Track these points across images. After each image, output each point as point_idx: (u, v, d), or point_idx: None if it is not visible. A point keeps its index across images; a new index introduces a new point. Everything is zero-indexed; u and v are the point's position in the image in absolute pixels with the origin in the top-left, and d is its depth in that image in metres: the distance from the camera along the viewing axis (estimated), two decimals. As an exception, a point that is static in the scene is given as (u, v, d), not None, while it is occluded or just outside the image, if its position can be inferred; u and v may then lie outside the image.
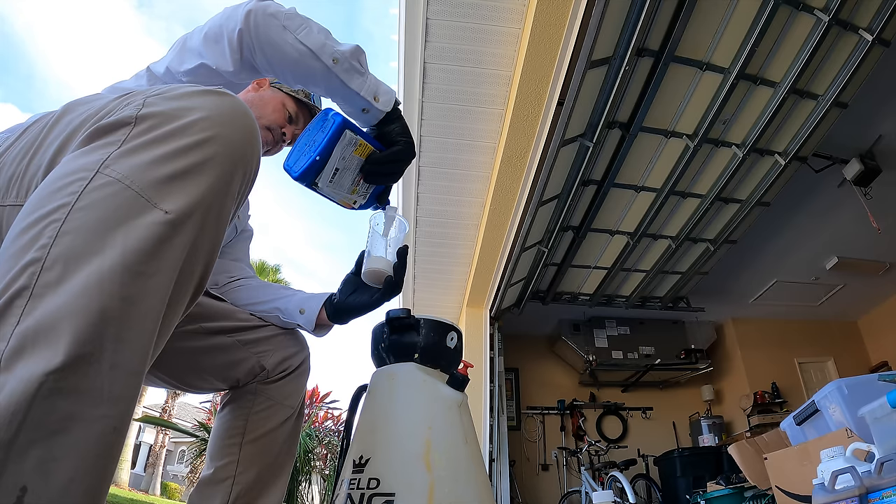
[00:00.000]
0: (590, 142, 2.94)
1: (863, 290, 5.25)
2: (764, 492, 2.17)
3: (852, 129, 3.25)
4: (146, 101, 0.58)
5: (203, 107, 0.57)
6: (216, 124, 0.57)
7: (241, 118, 0.60)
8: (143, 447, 16.75)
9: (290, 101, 1.15)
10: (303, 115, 1.18)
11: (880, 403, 1.14)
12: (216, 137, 0.56)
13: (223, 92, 0.61)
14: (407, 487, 0.66)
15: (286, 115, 1.14)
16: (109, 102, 0.62)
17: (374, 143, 0.88)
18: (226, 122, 0.58)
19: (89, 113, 0.62)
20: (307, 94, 1.18)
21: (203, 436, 6.11)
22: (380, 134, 0.89)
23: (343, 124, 0.84)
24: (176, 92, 0.60)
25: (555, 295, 4.69)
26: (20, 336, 0.44)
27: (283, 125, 1.13)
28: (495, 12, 2.48)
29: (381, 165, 0.88)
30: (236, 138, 0.58)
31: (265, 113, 1.11)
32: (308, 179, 0.84)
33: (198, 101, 0.58)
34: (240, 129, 0.59)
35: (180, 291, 0.54)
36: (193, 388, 1.03)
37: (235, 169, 0.58)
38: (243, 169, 0.60)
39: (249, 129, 0.60)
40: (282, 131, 1.13)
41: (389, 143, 0.89)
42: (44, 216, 0.50)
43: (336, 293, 1.01)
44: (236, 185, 0.59)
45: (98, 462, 0.45)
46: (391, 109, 0.88)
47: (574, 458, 5.20)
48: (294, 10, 0.84)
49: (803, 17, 2.49)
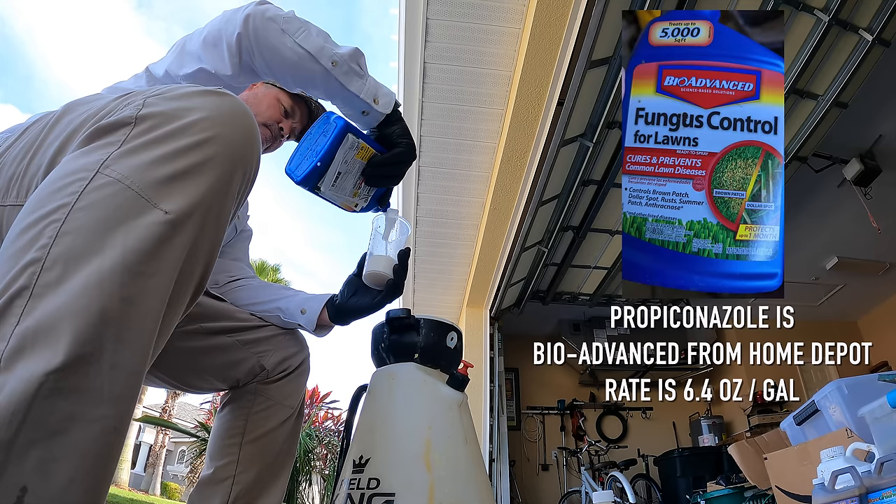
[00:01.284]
0: (590, 142, 2.94)
1: (863, 290, 5.25)
2: (764, 492, 2.17)
3: (852, 129, 3.25)
4: (146, 102, 0.58)
5: (203, 107, 0.58)
6: (216, 124, 0.57)
7: (242, 118, 0.60)
8: (143, 447, 16.75)
9: (285, 96, 1.15)
10: (299, 109, 1.18)
11: (880, 403, 1.14)
12: (216, 137, 0.56)
13: (223, 92, 0.61)
14: (407, 487, 0.66)
15: (282, 110, 1.14)
16: (109, 103, 0.62)
17: (375, 146, 0.88)
18: (226, 122, 0.58)
19: (89, 113, 0.62)
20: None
21: (203, 436, 6.11)
22: (380, 136, 0.89)
23: (345, 128, 0.83)
24: (176, 92, 0.60)
25: (555, 295, 4.69)
26: (20, 336, 0.44)
27: (279, 120, 1.13)
28: (495, 12, 2.48)
29: (383, 168, 0.88)
30: (236, 138, 0.58)
31: (260, 110, 1.11)
32: (310, 184, 0.84)
33: (198, 102, 0.58)
34: (240, 128, 0.59)
35: (180, 291, 0.54)
36: (193, 388, 1.03)
37: (235, 169, 0.58)
38: (243, 169, 0.60)
39: (249, 128, 0.61)
40: (279, 127, 1.13)
41: (390, 146, 0.89)
42: (44, 216, 0.50)
43: (338, 294, 1.01)
44: (236, 185, 0.59)
45: (98, 462, 0.45)
46: (391, 111, 0.88)
47: (574, 458, 5.20)
48: (293, 13, 0.84)
49: (803, 17, 2.49)
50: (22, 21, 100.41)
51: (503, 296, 4.28)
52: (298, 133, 1.20)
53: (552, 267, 4.35)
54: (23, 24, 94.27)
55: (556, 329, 5.54)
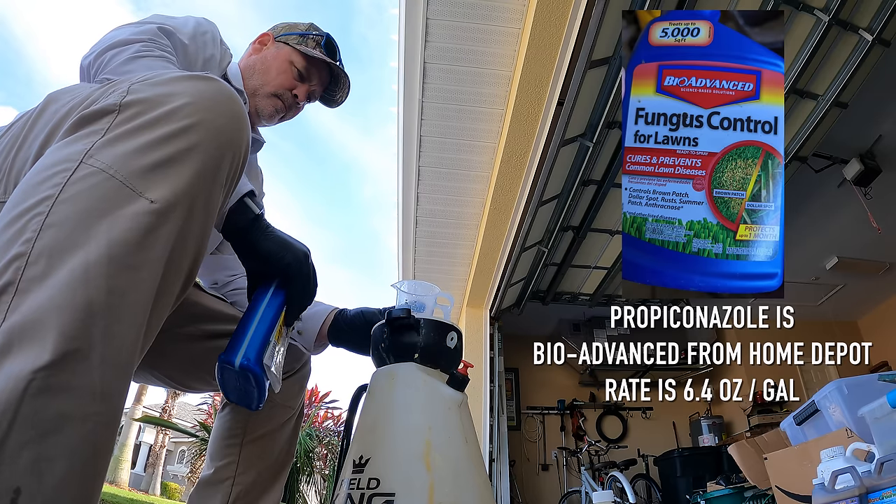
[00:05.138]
0: (590, 142, 2.94)
1: (863, 290, 5.25)
2: (764, 492, 2.17)
3: (852, 129, 3.25)
4: (130, 88, 0.57)
5: (188, 92, 0.56)
6: (201, 109, 0.56)
7: (227, 102, 0.59)
8: (143, 447, 16.74)
9: (298, 56, 1.05)
10: (316, 69, 1.07)
11: (880, 403, 1.14)
12: (202, 123, 0.55)
13: (208, 77, 0.60)
14: (407, 487, 0.66)
15: (294, 74, 1.05)
16: (95, 90, 0.61)
17: (275, 311, 0.75)
18: (211, 107, 0.57)
19: (75, 102, 0.61)
20: (317, 42, 1.08)
21: (203, 436, 6.11)
22: (252, 271, 0.76)
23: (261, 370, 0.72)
24: (161, 78, 0.59)
25: (555, 295, 4.69)
26: (6, 333, 0.43)
27: (292, 87, 1.05)
28: (495, 12, 2.48)
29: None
30: (222, 123, 0.57)
31: (269, 78, 1.04)
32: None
33: (181, 87, 0.57)
34: (225, 113, 0.58)
35: (169, 282, 0.53)
36: (194, 388, 1.03)
37: (223, 155, 0.57)
38: (231, 154, 0.58)
39: (235, 113, 0.59)
40: (293, 94, 1.05)
41: (273, 275, 0.75)
42: (28, 209, 0.49)
43: (348, 315, 0.98)
44: (224, 172, 0.58)
45: (91, 459, 0.44)
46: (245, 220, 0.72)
47: (574, 458, 5.20)
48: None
49: (803, 16, 2.49)
50: (22, 23, 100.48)
51: (503, 296, 4.28)
52: (318, 96, 1.12)
53: (552, 267, 4.35)
54: (22, 25, 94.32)
55: (556, 329, 5.53)
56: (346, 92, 1.15)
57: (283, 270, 0.74)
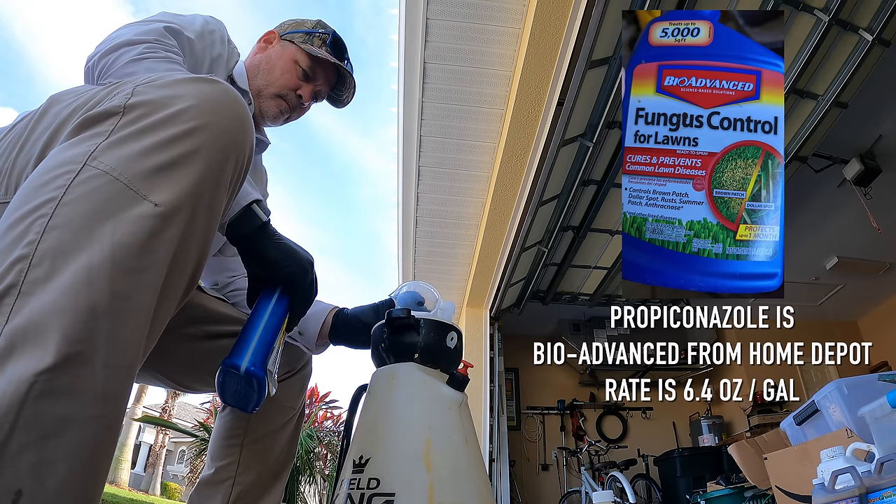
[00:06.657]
0: (590, 142, 2.94)
1: (863, 290, 5.25)
2: (764, 492, 2.17)
3: (852, 129, 3.25)
4: (135, 90, 0.57)
5: (191, 94, 0.56)
6: (205, 112, 0.56)
7: (231, 104, 0.59)
8: (143, 447, 16.74)
9: (303, 55, 1.04)
10: (321, 68, 1.06)
11: (880, 403, 1.14)
12: (205, 125, 0.55)
13: (213, 79, 0.60)
14: (407, 487, 0.66)
15: (299, 73, 1.04)
16: (98, 92, 0.60)
17: (279, 318, 0.76)
18: (215, 110, 0.57)
19: (78, 103, 0.61)
20: (323, 40, 1.06)
21: (203, 436, 6.11)
22: (253, 277, 0.76)
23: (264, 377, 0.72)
24: (165, 80, 0.58)
25: (555, 295, 4.69)
26: (9, 336, 0.43)
27: (297, 87, 1.04)
28: (495, 12, 2.48)
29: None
30: (226, 126, 0.57)
31: (273, 78, 1.03)
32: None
33: (186, 89, 0.57)
34: (229, 115, 0.58)
35: (172, 285, 0.53)
36: (194, 389, 1.03)
37: (227, 157, 0.57)
38: (235, 157, 0.58)
39: (239, 115, 0.59)
40: (297, 94, 1.04)
41: (278, 281, 0.76)
42: (31, 211, 0.49)
43: (347, 314, 0.99)
44: (228, 175, 0.58)
45: (93, 462, 0.44)
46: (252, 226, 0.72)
47: (574, 458, 5.20)
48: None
49: (803, 16, 2.49)
50: (22, 24, 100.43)
51: (503, 296, 4.28)
52: (325, 96, 1.10)
53: (552, 267, 4.35)
54: (23, 26, 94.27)
55: (556, 329, 5.53)
56: (352, 92, 1.14)
57: (289, 278, 0.75)
